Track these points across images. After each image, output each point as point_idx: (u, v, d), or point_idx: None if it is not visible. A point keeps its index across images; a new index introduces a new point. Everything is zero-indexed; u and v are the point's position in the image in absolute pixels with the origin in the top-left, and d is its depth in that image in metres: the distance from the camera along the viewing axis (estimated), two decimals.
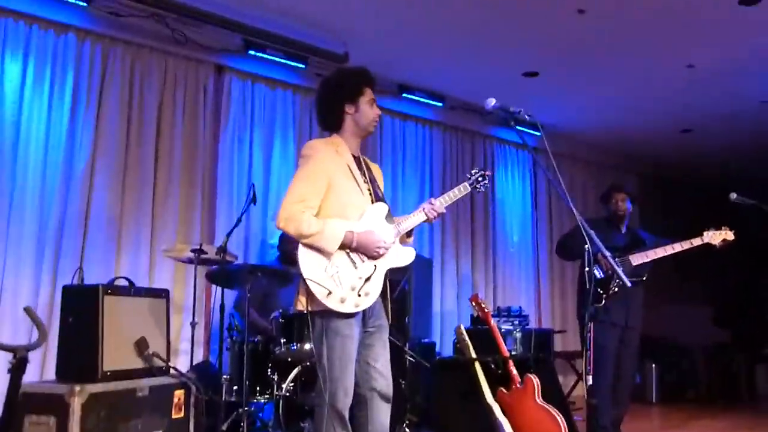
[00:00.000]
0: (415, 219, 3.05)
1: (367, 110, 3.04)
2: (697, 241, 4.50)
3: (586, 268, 2.42)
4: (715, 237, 4.48)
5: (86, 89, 4.93)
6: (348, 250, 2.85)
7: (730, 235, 4.49)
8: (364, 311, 2.88)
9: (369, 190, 3.01)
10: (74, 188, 4.81)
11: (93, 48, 4.99)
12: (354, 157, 3.03)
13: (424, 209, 3.06)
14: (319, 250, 2.80)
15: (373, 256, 2.88)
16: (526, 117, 2.72)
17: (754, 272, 8.24)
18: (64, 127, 4.81)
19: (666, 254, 4.53)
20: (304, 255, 2.80)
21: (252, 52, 5.57)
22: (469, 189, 3.19)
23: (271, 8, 5.22)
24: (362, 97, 3.03)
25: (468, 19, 5.32)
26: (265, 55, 5.62)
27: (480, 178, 3.20)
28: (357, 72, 3.12)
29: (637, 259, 4.54)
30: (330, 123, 3.07)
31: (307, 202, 2.83)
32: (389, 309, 3.03)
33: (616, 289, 4.43)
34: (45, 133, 4.73)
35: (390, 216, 3.03)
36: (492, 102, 2.81)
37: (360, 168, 3.03)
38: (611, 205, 4.87)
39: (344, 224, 2.85)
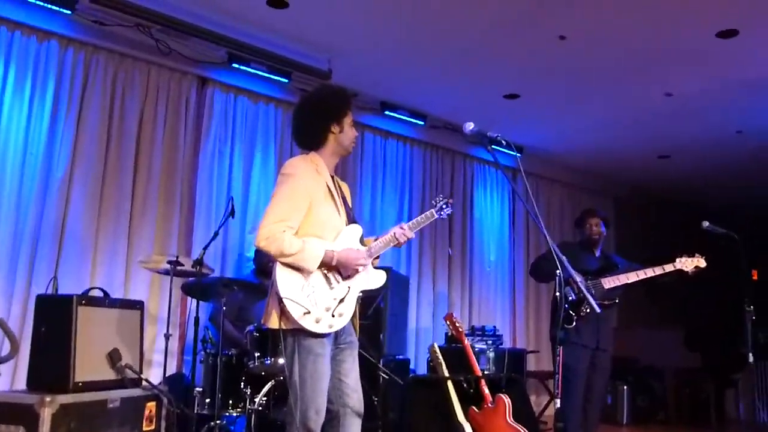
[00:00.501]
0: (384, 242, 3.07)
1: (349, 131, 3.07)
2: (669, 267, 4.57)
3: (556, 293, 2.46)
4: (687, 264, 4.55)
5: (67, 97, 4.92)
6: (325, 270, 2.87)
7: (702, 263, 4.56)
8: None
9: (344, 211, 3.04)
10: (51, 197, 4.78)
11: (75, 56, 4.99)
12: (331, 176, 3.07)
13: (395, 233, 3.08)
14: (297, 269, 2.82)
15: (351, 275, 2.90)
16: (503, 142, 2.77)
17: (725, 297, 8.36)
18: (43, 134, 4.80)
19: (638, 279, 4.59)
20: (281, 274, 2.81)
21: (235, 65, 5.58)
22: (436, 216, 3.23)
23: (255, 23, 5.26)
24: (346, 118, 3.06)
25: (451, 40, 5.39)
26: (249, 69, 5.64)
27: (444, 206, 3.25)
28: (342, 92, 3.14)
29: (609, 282, 4.61)
30: (311, 141, 3.07)
31: (288, 222, 2.84)
32: (357, 326, 3.06)
33: (588, 311, 4.48)
34: (24, 140, 4.71)
35: (363, 238, 3.06)
36: (470, 126, 2.86)
37: (336, 188, 3.06)
38: (585, 229, 4.93)
39: (323, 243, 2.87)
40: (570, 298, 4.49)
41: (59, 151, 4.86)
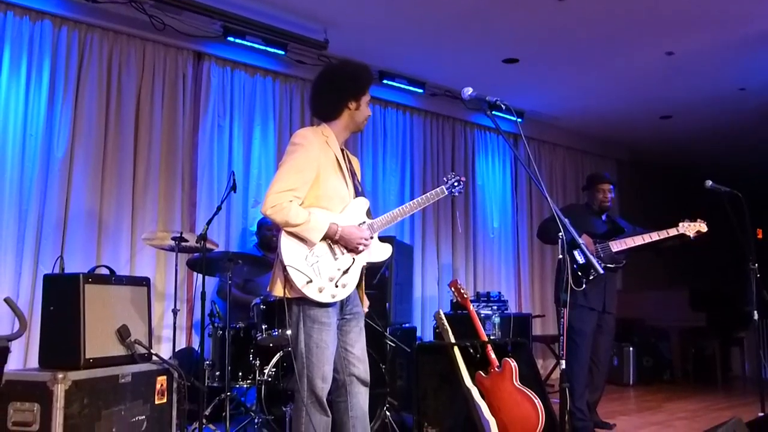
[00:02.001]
0: (392, 216, 3.08)
1: (365, 110, 3.07)
2: (672, 231, 4.61)
3: (560, 256, 2.47)
4: (689, 228, 4.60)
5: (64, 77, 4.90)
6: (330, 241, 2.88)
7: (703, 227, 4.60)
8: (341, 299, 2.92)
9: (352, 183, 3.04)
10: (53, 177, 4.79)
11: (69, 35, 4.96)
12: (341, 150, 3.06)
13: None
14: (302, 239, 2.83)
15: (354, 250, 2.92)
16: (503, 106, 2.75)
17: (729, 257, 8.38)
18: (42, 115, 4.79)
19: (643, 242, 4.63)
20: (286, 242, 2.83)
21: (231, 39, 5.55)
22: (446, 193, 3.23)
23: None
24: (364, 97, 3.05)
25: (448, 5, 5.34)
26: (245, 42, 5.60)
27: (455, 183, 3.26)
28: (366, 71, 3.11)
29: (616, 246, 4.65)
30: (325, 112, 3.07)
31: (295, 191, 2.84)
32: (364, 297, 3.09)
33: (594, 275, 4.52)
34: (23, 121, 4.71)
35: (369, 211, 3.07)
36: (469, 91, 2.84)
37: (345, 161, 3.06)
38: (595, 195, 4.94)
39: (329, 216, 2.88)
40: (580, 261, 4.52)
41: (59, 131, 4.85)
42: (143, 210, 5.21)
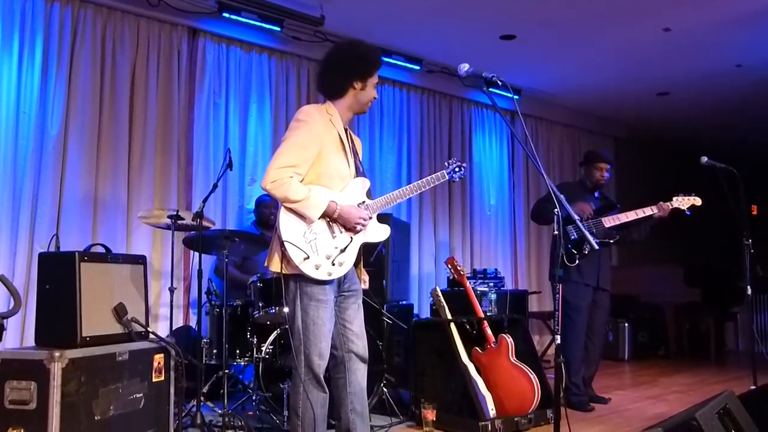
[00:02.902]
0: (391, 198, 3.09)
1: (370, 91, 3.06)
2: (666, 206, 4.61)
3: (555, 232, 2.48)
4: (683, 202, 4.62)
5: (57, 54, 4.85)
6: (329, 219, 2.88)
7: (697, 201, 4.62)
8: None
9: (354, 163, 3.04)
10: (47, 155, 4.77)
11: (62, 11, 4.90)
12: (345, 129, 3.06)
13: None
14: (301, 215, 2.83)
15: (352, 230, 2.92)
16: (499, 82, 2.73)
17: (724, 233, 8.41)
18: (35, 92, 4.75)
19: (637, 218, 4.64)
20: (284, 218, 2.83)
21: (226, 15, 5.50)
22: (447, 177, 3.23)
23: None
24: (371, 78, 3.04)
25: None
26: (240, 18, 5.54)
27: (457, 168, 3.25)
28: (376, 52, 3.09)
29: (609, 221, 4.67)
30: (331, 90, 3.05)
31: (296, 168, 2.83)
32: (363, 274, 3.09)
33: (588, 249, 4.56)
34: (16, 98, 4.67)
35: (369, 191, 3.07)
36: (465, 67, 2.82)
37: (348, 141, 3.05)
38: (594, 172, 4.95)
39: (328, 194, 2.88)
40: (572, 236, 4.55)
41: (52, 108, 4.82)
42: (139, 188, 5.19)
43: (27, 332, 4.45)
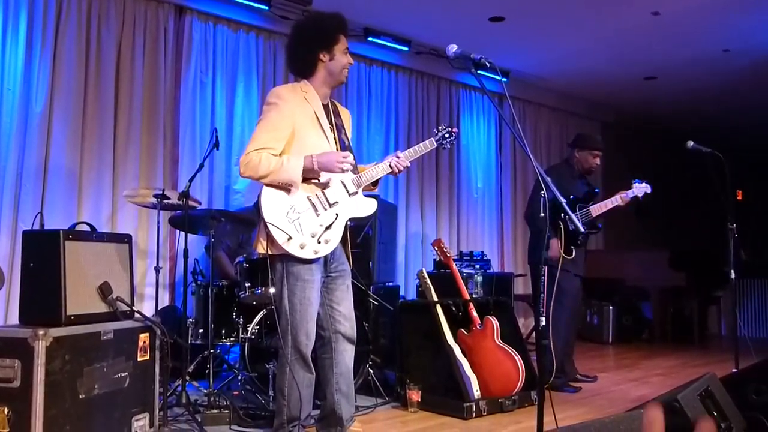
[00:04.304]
0: (378, 170, 3.06)
1: (341, 59, 3.01)
2: (630, 194, 4.72)
3: (541, 214, 2.48)
4: (638, 189, 4.72)
5: (41, 30, 4.78)
6: (311, 196, 2.87)
7: (648, 189, 4.75)
8: (325, 257, 2.92)
9: (335, 138, 3.01)
10: (32, 132, 4.71)
11: None
12: (324, 105, 3.02)
13: (390, 162, 3.06)
14: (284, 189, 2.81)
15: (338, 171, 2.88)
16: (487, 64, 2.72)
17: (710, 217, 8.49)
18: (19, 70, 4.68)
19: (612, 206, 4.73)
20: (266, 198, 2.82)
21: None
22: (435, 145, 3.19)
23: None
24: (337, 45, 3.00)
25: None
26: None
27: (447, 135, 3.20)
28: (333, 18, 3.06)
29: (595, 211, 4.72)
30: (302, 69, 3.03)
31: (270, 150, 2.83)
32: (350, 255, 3.08)
33: (582, 241, 4.66)
34: None
35: (355, 166, 3.04)
36: (453, 48, 2.80)
37: (328, 116, 3.02)
38: (588, 158, 4.97)
39: (302, 155, 2.85)
40: (570, 228, 4.57)
41: (37, 86, 4.75)
42: (124, 166, 5.15)
43: (11, 310, 4.42)
